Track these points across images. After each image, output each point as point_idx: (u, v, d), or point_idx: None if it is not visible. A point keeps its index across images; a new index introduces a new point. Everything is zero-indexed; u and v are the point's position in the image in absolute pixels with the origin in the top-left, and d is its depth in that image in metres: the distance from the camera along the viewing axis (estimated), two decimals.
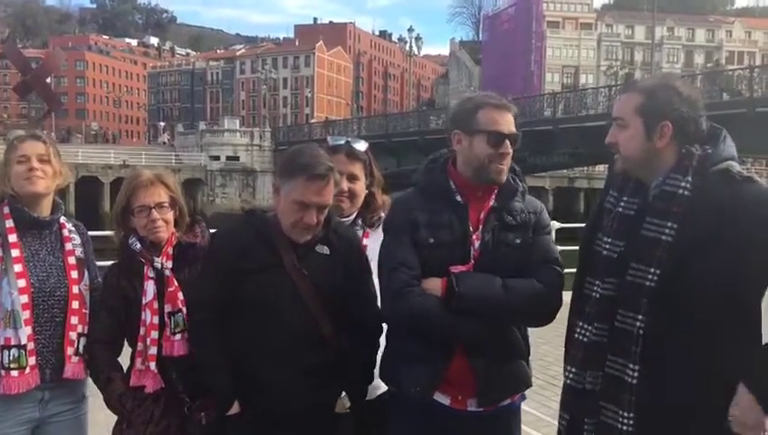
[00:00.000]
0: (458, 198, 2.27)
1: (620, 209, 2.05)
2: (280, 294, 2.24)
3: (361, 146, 2.74)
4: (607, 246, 2.04)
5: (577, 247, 2.23)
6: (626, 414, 1.93)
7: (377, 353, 2.42)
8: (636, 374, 1.93)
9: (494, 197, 2.28)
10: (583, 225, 2.40)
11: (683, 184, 1.93)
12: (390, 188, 2.84)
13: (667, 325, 1.89)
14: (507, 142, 2.22)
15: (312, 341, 2.26)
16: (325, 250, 2.33)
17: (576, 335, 2.07)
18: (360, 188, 2.70)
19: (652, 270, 1.91)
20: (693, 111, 1.98)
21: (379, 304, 2.36)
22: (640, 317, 1.92)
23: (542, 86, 76.14)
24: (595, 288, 2.04)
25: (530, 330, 2.38)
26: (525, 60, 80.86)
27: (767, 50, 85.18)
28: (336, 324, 2.31)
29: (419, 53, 61.41)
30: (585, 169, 47.76)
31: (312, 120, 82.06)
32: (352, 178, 2.67)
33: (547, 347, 5.98)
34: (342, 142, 2.71)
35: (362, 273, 2.41)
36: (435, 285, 2.18)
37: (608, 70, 74.97)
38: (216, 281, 2.27)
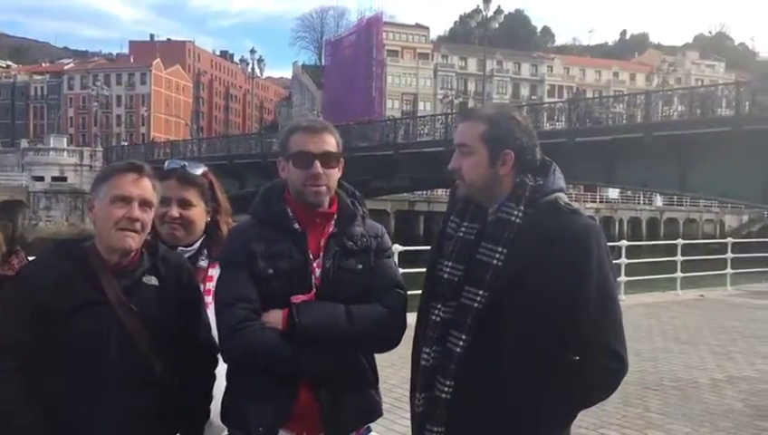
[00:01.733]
0: (296, 225, 2.22)
1: (461, 234, 2.09)
2: (105, 333, 2.07)
3: (197, 170, 2.62)
4: (447, 270, 2.06)
5: (419, 270, 2.29)
6: (439, 429, 2.01)
7: (212, 389, 2.31)
8: (449, 390, 1.99)
9: (333, 223, 2.26)
10: (425, 248, 2.48)
11: (515, 212, 1.99)
12: (236, 209, 2.76)
13: (485, 346, 1.96)
14: (317, 163, 2.19)
15: (142, 382, 2.12)
16: (153, 281, 2.19)
17: (421, 362, 2.09)
18: (196, 215, 2.57)
19: (481, 292, 1.96)
20: (530, 141, 2.06)
21: (214, 334, 2.26)
22: (463, 337, 1.99)
23: (383, 111, 78.35)
24: (436, 311, 2.07)
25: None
26: (366, 86, 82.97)
27: (583, 85, 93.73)
28: (167, 363, 2.18)
29: (262, 74, 60.84)
30: (425, 192, 49.61)
31: (152, 140, 78.42)
32: (185, 203, 2.54)
33: (390, 370, 6.06)
34: (177, 166, 2.60)
35: (195, 304, 2.30)
36: (275, 317, 2.11)
37: (444, 98, 78.57)
38: (22, 323, 2.03)
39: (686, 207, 59.86)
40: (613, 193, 57.00)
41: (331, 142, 2.24)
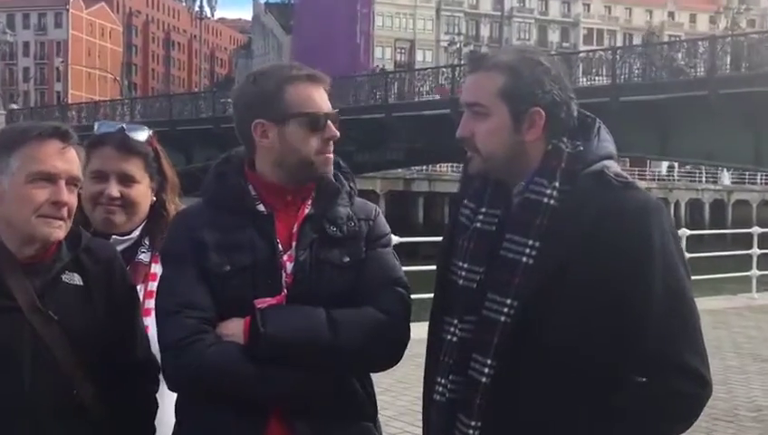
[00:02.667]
0: (260, 206, 2.19)
1: (478, 224, 2.04)
2: (15, 349, 2.06)
3: (141, 135, 2.59)
4: (463, 274, 2.02)
5: (417, 268, 2.24)
6: None
7: (153, 418, 2.31)
8: (474, 434, 1.95)
9: (309, 201, 2.23)
10: (425, 239, 2.42)
11: (549, 191, 1.94)
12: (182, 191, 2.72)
13: (519, 373, 1.91)
14: (330, 123, 2.18)
15: (65, 410, 2.11)
16: (76, 280, 2.17)
17: (434, 395, 2.05)
18: (140, 193, 2.56)
19: (509, 301, 1.92)
20: (564, 94, 1.99)
21: (156, 349, 2.25)
22: (489, 362, 1.94)
23: (371, 63, 78.31)
24: (451, 329, 2.03)
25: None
26: (349, 30, 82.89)
27: (630, 29, 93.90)
28: (97, 386, 2.17)
29: (213, 15, 60.68)
30: (424, 168, 49.73)
31: (68, 101, 78.20)
32: (126, 179, 2.53)
33: (385, 396, 6.08)
34: (113, 130, 2.56)
35: (130, 309, 2.29)
36: (235, 328, 2.09)
37: (449, 46, 78.63)
38: None
39: (762, 185, 60.27)
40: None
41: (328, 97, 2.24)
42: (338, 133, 2.19)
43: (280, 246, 2.17)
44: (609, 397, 1.89)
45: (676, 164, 53.18)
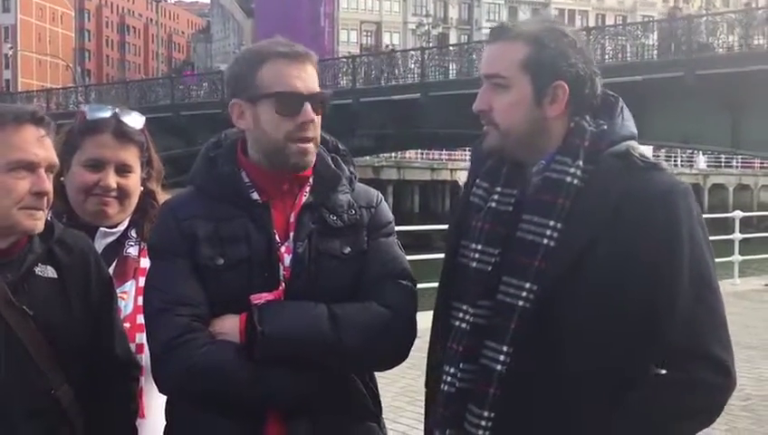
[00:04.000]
0: (255, 195, 2.13)
1: (493, 204, 2.01)
2: None
3: (136, 121, 2.53)
4: (476, 256, 1.99)
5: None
6: None
7: (134, 420, 2.29)
8: (487, 425, 1.92)
9: (307, 189, 2.17)
10: (398, 228, 2.39)
11: (572, 170, 1.91)
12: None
13: (536, 361, 1.89)
14: (307, 106, 2.09)
15: (41, 409, 2.08)
16: (50, 272, 2.13)
17: (441, 385, 2.02)
18: (135, 183, 2.52)
19: (527, 286, 1.89)
20: (588, 68, 1.96)
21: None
22: (504, 350, 1.91)
23: (336, 47, 78.14)
24: (461, 315, 2.00)
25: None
26: (313, 12, 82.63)
27: (601, 9, 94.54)
28: (75, 386, 2.15)
29: None
30: (393, 155, 49.77)
31: (19, 91, 77.19)
32: (124, 169, 2.48)
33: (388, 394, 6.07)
34: (108, 114, 2.49)
35: (107, 299, 2.26)
36: (230, 326, 2.04)
37: (417, 28, 78.73)
38: None
39: (738, 169, 61.04)
40: (645, 152, 57.79)
41: (316, 77, 2.15)
42: (312, 117, 2.09)
43: (276, 237, 2.11)
44: (630, 386, 1.86)
45: (649, 148, 53.66)
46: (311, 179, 2.18)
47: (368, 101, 33.30)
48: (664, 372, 1.89)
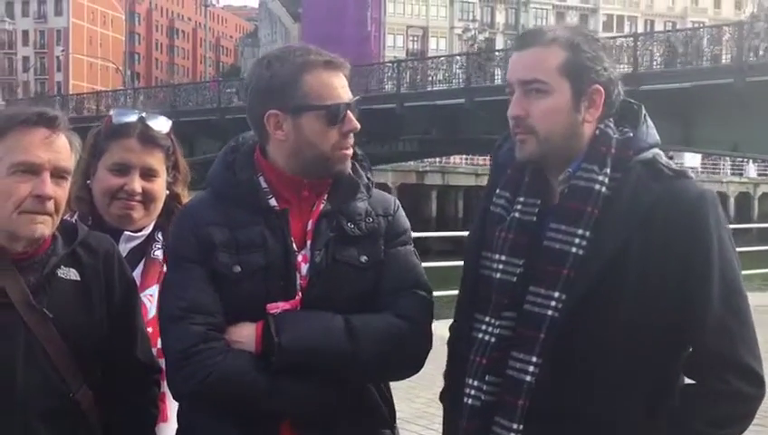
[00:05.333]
0: (272, 201, 2.11)
1: (517, 215, 1.99)
2: (8, 348, 2.01)
3: (162, 125, 2.53)
4: (500, 267, 1.97)
5: (432, 264, 2.19)
6: None
7: (154, 424, 2.28)
8: None
9: (325, 196, 2.14)
10: (439, 234, 2.36)
11: (600, 178, 1.90)
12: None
13: (566, 372, 1.87)
14: (351, 116, 2.10)
15: (60, 412, 2.07)
16: (72, 275, 2.12)
17: (464, 398, 1.99)
18: (161, 188, 2.51)
19: (556, 295, 1.87)
20: (617, 73, 1.98)
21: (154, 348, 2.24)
22: (533, 361, 1.89)
23: (382, 52, 78.19)
24: (485, 328, 1.97)
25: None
26: (360, 17, 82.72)
27: (651, 15, 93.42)
28: (95, 388, 2.14)
29: (218, 2, 60.64)
30: (438, 160, 49.62)
31: (70, 93, 78.38)
32: (150, 174, 2.47)
33: (399, 399, 6.06)
34: (134, 119, 2.49)
35: (129, 301, 2.24)
36: (246, 334, 2.03)
37: (463, 33, 78.38)
38: None
39: None
40: (692, 160, 56.94)
41: (348, 84, 2.15)
42: (358, 125, 2.10)
43: (294, 245, 2.09)
44: (661, 395, 1.86)
45: (697, 156, 52.82)
46: (328, 187, 2.15)
47: (412, 105, 33.24)
48: (693, 381, 1.88)
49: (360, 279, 2.11)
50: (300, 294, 2.07)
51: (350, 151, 2.12)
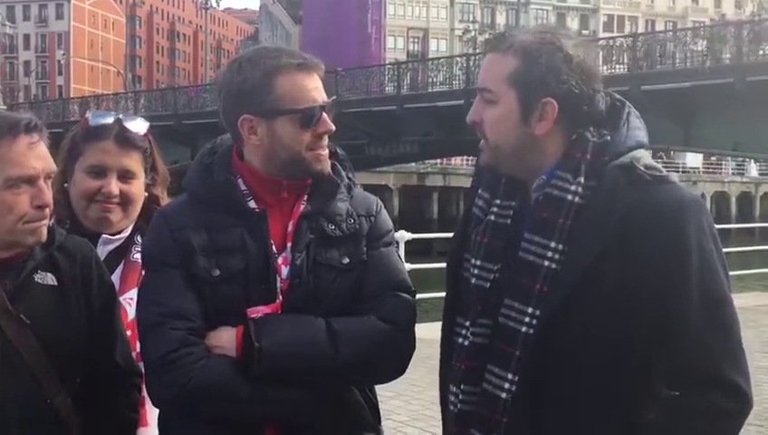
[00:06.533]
0: (251, 203, 2.08)
1: (492, 217, 1.94)
2: None
3: (139, 126, 2.50)
4: (476, 272, 1.92)
5: (431, 265, 2.17)
6: None
7: (134, 427, 2.25)
8: None
9: (305, 197, 2.11)
10: (439, 235, 2.33)
11: (573, 187, 1.81)
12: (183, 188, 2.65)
13: (543, 388, 1.81)
14: (326, 117, 2.06)
15: (39, 420, 2.03)
16: (50, 279, 2.09)
17: (449, 405, 1.96)
18: (139, 190, 2.49)
19: (530, 310, 1.81)
20: (586, 84, 1.85)
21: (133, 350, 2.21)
22: (509, 377, 1.84)
23: (383, 54, 78.14)
24: (464, 332, 1.93)
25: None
26: (360, 19, 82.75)
27: (651, 15, 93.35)
28: (74, 393, 2.11)
29: (219, 5, 60.70)
30: (439, 161, 49.59)
31: (72, 97, 78.33)
32: (127, 175, 2.45)
33: (397, 401, 5.92)
34: (110, 121, 2.46)
35: (108, 306, 2.21)
36: (226, 339, 1.99)
37: (464, 34, 78.47)
38: None
39: None
40: (693, 160, 56.87)
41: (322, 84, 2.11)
42: (332, 127, 2.06)
43: (273, 247, 2.06)
44: (639, 413, 1.79)
45: (699, 156, 52.81)
46: (308, 187, 2.12)
47: (413, 107, 33.20)
48: (676, 394, 1.79)
49: (342, 281, 2.08)
50: (281, 297, 2.03)
51: (326, 152, 2.08)
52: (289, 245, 2.07)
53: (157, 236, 2.11)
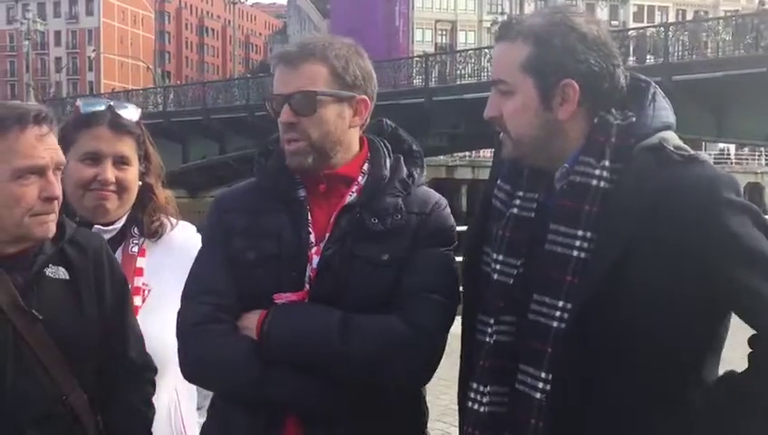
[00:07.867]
0: (301, 192, 2.09)
1: (515, 211, 1.88)
2: None
3: (131, 113, 2.48)
4: (498, 267, 1.86)
5: (460, 259, 2.11)
6: None
7: (150, 425, 2.24)
8: None
9: (354, 188, 2.08)
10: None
11: (597, 172, 1.75)
12: (213, 182, 2.64)
13: (583, 385, 1.74)
14: (286, 108, 2.03)
15: (53, 416, 2.01)
16: (62, 273, 2.06)
17: (469, 403, 1.90)
18: (134, 177, 2.46)
19: (560, 304, 1.74)
20: (605, 60, 1.78)
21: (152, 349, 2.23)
22: (542, 376, 1.77)
23: (411, 46, 77.98)
24: (489, 330, 1.87)
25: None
26: (388, 11, 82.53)
27: (682, 4, 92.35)
28: (89, 392, 2.08)
29: (247, 0, 60.79)
30: (468, 154, 49.44)
31: (102, 92, 79.02)
32: (122, 161, 2.42)
33: (427, 397, 6.02)
34: (102, 108, 2.44)
35: (121, 300, 2.20)
36: (252, 321, 2.02)
37: (492, 26, 77.84)
38: None
39: None
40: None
41: (317, 74, 2.05)
42: (288, 119, 2.07)
43: (312, 236, 2.05)
44: (690, 401, 1.72)
45: (731, 146, 52.22)
46: (360, 179, 2.10)
47: (441, 100, 33.12)
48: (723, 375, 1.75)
49: (378, 277, 2.04)
50: (307, 286, 2.04)
51: (292, 146, 2.06)
52: (327, 235, 2.06)
53: (208, 215, 2.19)
